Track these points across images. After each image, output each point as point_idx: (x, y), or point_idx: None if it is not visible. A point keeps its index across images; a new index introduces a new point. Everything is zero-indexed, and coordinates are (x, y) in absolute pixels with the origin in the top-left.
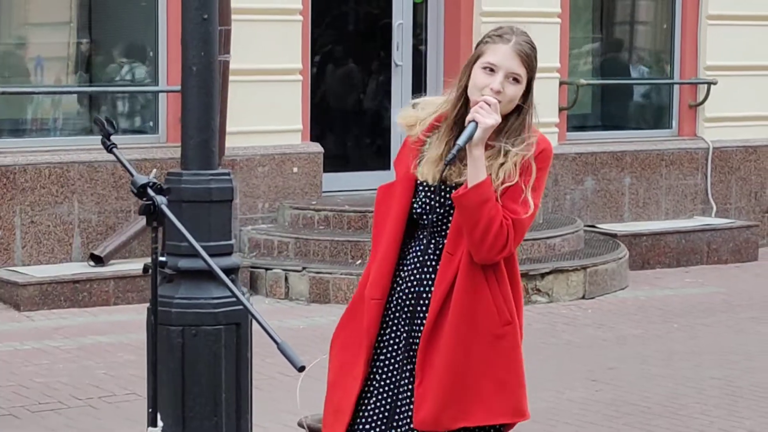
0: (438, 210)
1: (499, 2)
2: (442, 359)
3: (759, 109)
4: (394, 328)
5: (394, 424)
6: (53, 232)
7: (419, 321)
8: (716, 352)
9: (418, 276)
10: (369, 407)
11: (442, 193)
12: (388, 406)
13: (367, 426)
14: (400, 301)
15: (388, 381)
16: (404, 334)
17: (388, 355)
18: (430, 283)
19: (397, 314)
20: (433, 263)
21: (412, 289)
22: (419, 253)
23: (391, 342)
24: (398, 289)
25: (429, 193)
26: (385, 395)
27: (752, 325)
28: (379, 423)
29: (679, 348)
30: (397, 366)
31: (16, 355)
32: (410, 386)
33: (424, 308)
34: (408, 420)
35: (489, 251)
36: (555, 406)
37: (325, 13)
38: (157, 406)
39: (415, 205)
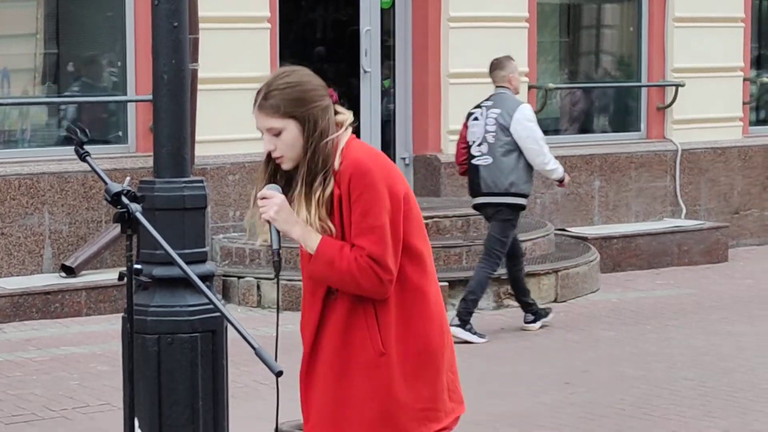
0: None
1: (466, 7)
2: (319, 393)
3: (727, 111)
4: None
5: None
6: (24, 244)
7: None
8: (689, 354)
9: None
10: None
11: None
12: None
13: None
14: None
15: None
16: None
17: None
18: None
19: None
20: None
21: None
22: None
23: None
24: None
25: None
26: None
27: (724, 325)
28: None
29: (652, 349)
30: None
31: None
32: None
33: None
34: None
35: (371, 293)
36: (529, 409)
37: (293, 20)
38: (135, 415)
39: None
